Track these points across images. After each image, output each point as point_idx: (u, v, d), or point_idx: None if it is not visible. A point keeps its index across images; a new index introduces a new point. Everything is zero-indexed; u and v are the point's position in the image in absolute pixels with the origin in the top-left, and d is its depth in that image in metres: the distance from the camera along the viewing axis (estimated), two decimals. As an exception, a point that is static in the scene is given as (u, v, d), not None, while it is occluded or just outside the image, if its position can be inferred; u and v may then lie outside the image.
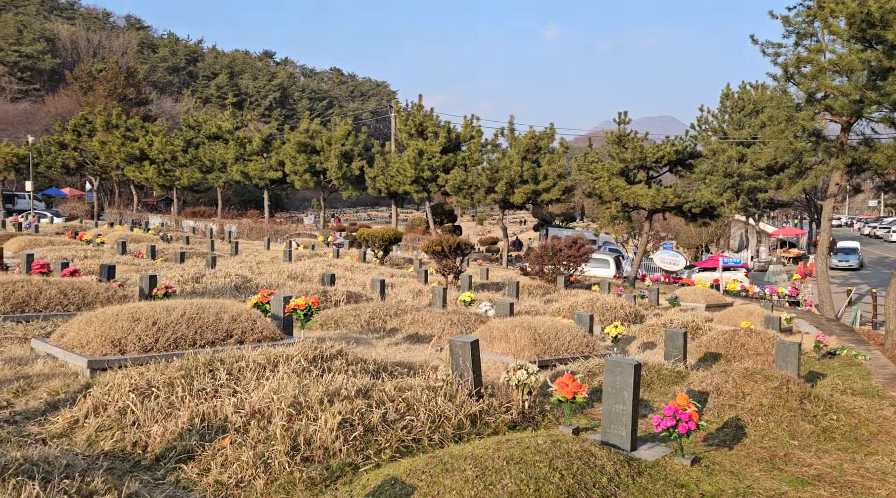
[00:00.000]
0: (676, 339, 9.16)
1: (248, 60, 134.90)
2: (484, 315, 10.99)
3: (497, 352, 8.52)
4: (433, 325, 9.60)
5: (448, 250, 16.83)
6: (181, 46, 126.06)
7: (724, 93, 44.10)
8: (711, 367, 10.29)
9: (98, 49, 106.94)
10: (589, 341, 9.36)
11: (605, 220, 30.14)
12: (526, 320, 8.96)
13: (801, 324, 18.52)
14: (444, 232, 40.40)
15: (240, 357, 5.93)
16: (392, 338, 9.37)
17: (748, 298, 25.70)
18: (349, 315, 10.18)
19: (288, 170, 36.12)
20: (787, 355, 8.43)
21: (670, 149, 27.52)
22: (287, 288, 12.14)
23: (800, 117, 22.51)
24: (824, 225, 23.15)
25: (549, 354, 8.58)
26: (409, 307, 11.16)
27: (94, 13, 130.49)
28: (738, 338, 11.00)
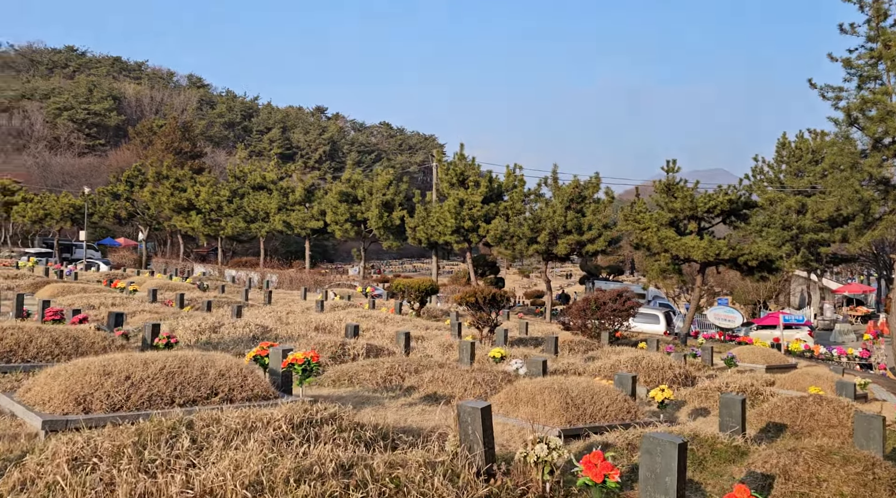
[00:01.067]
0: (733, 406, 7.93)
1: (300, 115, 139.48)
2: (514, 374, 9.94)
3: (522, 417, 7.46)
4: (454, 384, 8.62)
5: (483, 302, 15.87)
6: (238, 103, 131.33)
7: (781, 142, 42.46)
8: (775, 441, 8.93)
9: (160, 106, 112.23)
10: (630, 407, 8.21)
11: (653, 273, 28.69)
12: (558, 381, 7.90)
13: (877, 390, 16.68)
14: (486, 284, 39.41)
15: (213, 420, 5.10)
16: (407, 397, 8.42)
17: (813, 359, 23.70)
18: (365, 371, 9.30)
19: (329, 220, 36.05)
20: (870, 431, 7.10)
21: (723, 198, 26.17)
22: (306, 340, 11.37)
23: (866, 164, 20.99)
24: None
25: (582, 421, 7.47)
26: (433, 363, 10.21)
27: (160, 73, 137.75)
28: (807, 406, 9.61)
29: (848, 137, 22.86)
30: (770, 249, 25.93)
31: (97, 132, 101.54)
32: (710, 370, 15.19)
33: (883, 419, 7.08)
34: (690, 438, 7.12)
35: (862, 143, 22.41)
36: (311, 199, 38.88)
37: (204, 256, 57.76)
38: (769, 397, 10.89)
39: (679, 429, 7.42)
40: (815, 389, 11.22)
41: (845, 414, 9.49)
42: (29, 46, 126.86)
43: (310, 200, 38.84)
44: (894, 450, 9.03)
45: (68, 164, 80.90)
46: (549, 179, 31.85)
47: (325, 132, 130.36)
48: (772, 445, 8.58)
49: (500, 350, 10.88)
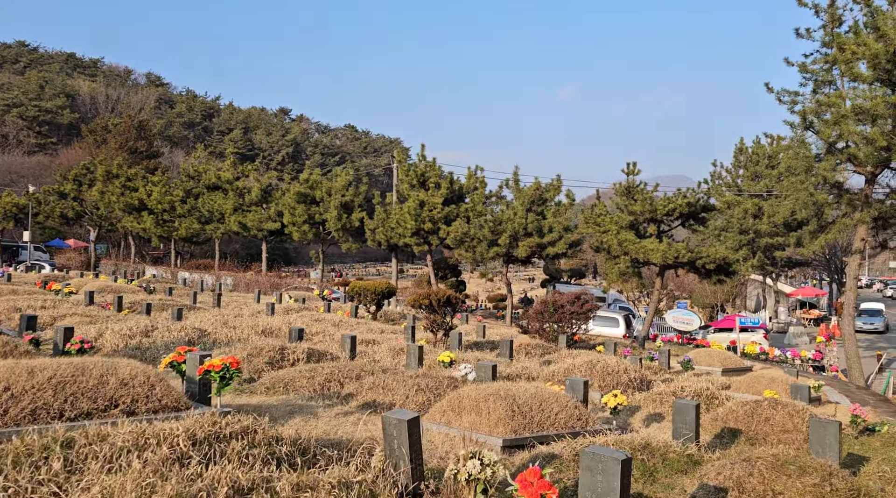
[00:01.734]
0: (687, 412, 7.55)
1: (263, 116, 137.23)
2: (462, 379, 9.44)
3: (464, 426, 6.95)
4: (396, 390, 8.06)
5: (437, 304, 15.35)
6: (198, 102, 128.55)
7: (738, 147, 43.06)
8: (730, 447, 8.60)
9: (116, 104, 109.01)
10: (581, 413, 7.77)
11: (613, 276, 28.57)
12: (504, 387, 7.41)
13: (830, 392, 16.67)
14: (447, 287, 38.93)
15: (100, 437, 4.46)
16: (344, 405, 7.84)
17: (768, 361, 23.79)
18: (303, 377, 8.69)
19: (286, 221, 35.13)
20: (826, 437, 6.79)
21: (682, 201, 26.17)
22: (242, 345, 10.68)
23: (820, 168, 21.16)
24: (850, 283, 21.46)
25: (529, 430, 7.00)
26: (377, 368, 9.64)
27: (116, 70, 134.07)
28: (762, 411, 9.32)
29: (803, 142, 23.05)
30: (727, 253, 26.00)
31: (49, 130, 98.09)
32: (667, 374, 14.93)
33: (838, 425, 6.77)
34: (641, 447, 6.70)
35: (816, 148, 22.62)
36: (268, 200, 37.89)
37: (160, 259, 56.00)
38: (724, 401, 10.61)
39: (630, 437, 7.00)
40: (770, 392, 10.99)
41: (800, 418, 9.24)
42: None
43: (267, 201, 37.84)
44: (850, 456, 8.79)
45: (16, 163, 77.83)
46: (510, 181, 31.56)
47: (288, 134, 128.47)
48: (726, 452, 8.24)
49: (450, 354, 10.37)
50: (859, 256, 21.32)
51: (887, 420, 12.62)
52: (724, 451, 8.13)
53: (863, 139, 19.33)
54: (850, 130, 17.05)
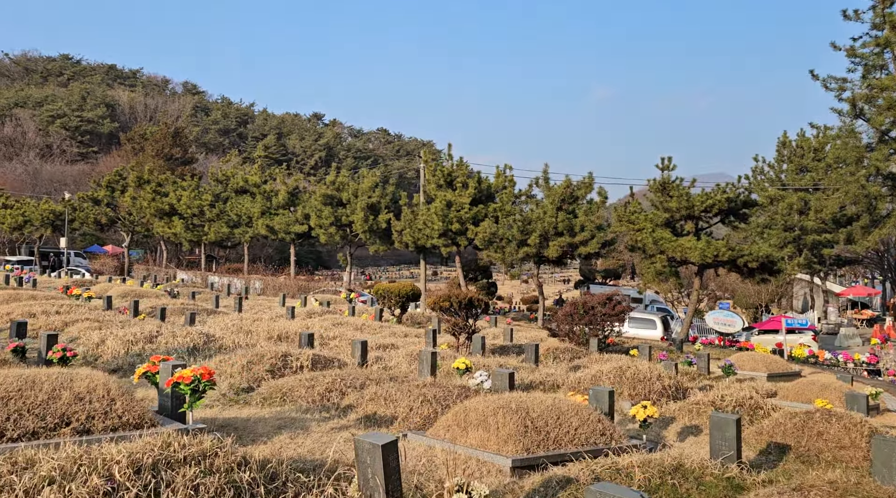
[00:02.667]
0: (726, 427, 6.64)
1: (296, 121, 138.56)
2: (477, 388, 8.66)
3: (471, 443, 6.17)
4: (399, 402, 7.33)
5: (458, 307, 14.58)
6: (233, 109, 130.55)
7: (781, 141, 41.19)
8: (778, 466, 7.62)
9: (154, 113, 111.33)
10: (605, 428, 6.91)
11: (649, 275, 27.41)
12: (517, 399, 6.62)
13: (889, 398, 15.34)
14: (477, 289, 38.12)
15: (24, 465, 3.82)
16: (341, 419, 7.13)
17: (818, 365, 22.36)
18: (302, 386, 8.02)
19: (313, 223, 34.78)
20: (892, 458, 5.80)
21: (721, 196, 24.87)
22: (243, 351, 10.09)
23: (872, 158, 19.77)
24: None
25: (543, 448, 6.18)
26: (386, 377, 8.92)
27: (154, 80, 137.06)
28: (814, 423, 8.31)
29: (853, 131, 21.63)
30: (771, 250, 24.63)
31: (90, 140, 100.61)
32: (706, 380, 13.88)
33: (909, 445, 5.80)
34: (672, 468, 5.83)
35: (868, 137, 21.19)
36: (295, 203, 37.65)
37: (194, 263, 56.54)
38: (770, 412, 9.59)
39: (660, 456, 6.13)
40: (822, 401, 9.92)
41: (858, 432, 8.20)
42: (24, 55, 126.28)
43: (294, 204, 37.61)
44: (917, 476, 7.74)
45: (58, 172, 79.81)
46: (540, 180, 30.62)
47: (320, 138, 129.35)
48: (774, 472, 7.28)
49: (465, 361, 9.59)
50: (916, 251, 19.81)
51: (955, 431, 11.39)
52: (772, 471, 7.17)
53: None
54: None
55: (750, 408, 9.67)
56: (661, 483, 5.55)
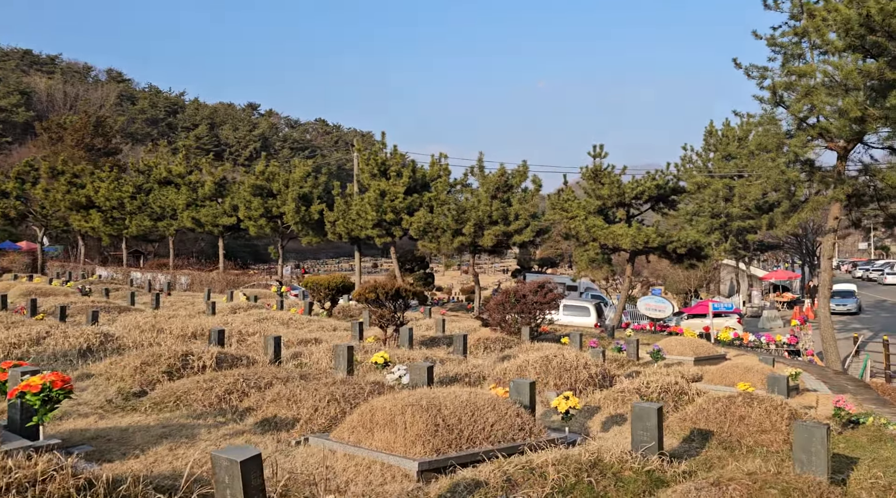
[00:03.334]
0: (647, 417, 6.36)
1: (230, 112, 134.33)
2: (396, 384, 8.16)
3: (376, 446, 5.68)
4: (304, 402, 6.76)
5: (385, 297, 14.05)
6: (161, 98, 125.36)
7: (708, 130, 42.18)
8: (700, 453, 7.45)
9: (75, 102, 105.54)
10: (524, 422, 6.54)
11: (582, 263, 27.58)
12: (429, 395, 6.16)
13: (808, 378, 15.74)
14: (414, 280, 37.67)
15: None
16: (238, 424, 6.52)
17: (743, 347, 22.91)
18: (199, 389, 7.33)
19: (242, 215, 33.45)
20: (812, 445, 5.63)
21: (650, 184, 25.19)
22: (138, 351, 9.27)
23: (791, 144, 20.23)
24: (825, 264, 20.61)
25: (455, 448, 5.74)
26: (296, 374, 8.31)
27: (75, 67, 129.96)
28: (735, 408, 8.20)
29: (773, 119, 22.12)
30: (699, 236, 25.12)
31: (3, 129, 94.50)
32: (635, 366, 13.83)
33: (826, 429, 5.63)
34: (590, 464, 5.49)
35: (787, 124, 21.71)
36: (223, 194, 36.16)
37: (119, 259, 53.83)
38: (695, 397, 9.48)
39: (577, 452, 5.79)
40: (745, 384, 9.89)
41: (778, 415, 8.14)
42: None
43: (222, 195, 36.11)
44: (835, 458, 7.71)
45: (-34, 163, 74.61)
46: (475, 169, 30.31)
47: (255, 129, 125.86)
48: (695, 460, 7.08)
49: (384, 354, 9.08)
50: (833, 235, 20.48)
51: (870, 409, 11.65)
52: (694, 460, 6.98)
53: (835, 112, 18.44)
54: (822, 101, 16.08)
55: (675, 394, 9.54)
56: (577, 481, 5.20)
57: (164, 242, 52.75)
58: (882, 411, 11.68)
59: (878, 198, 20.15)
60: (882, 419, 10.06)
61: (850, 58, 16.99)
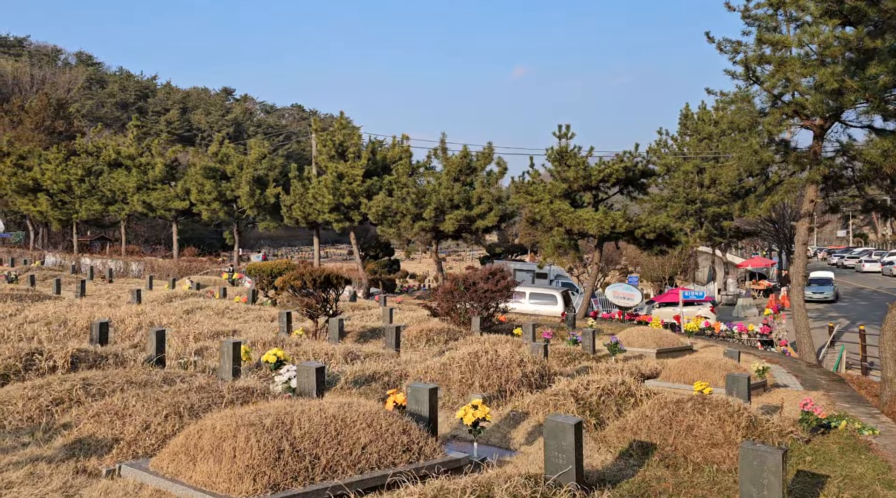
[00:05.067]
0: (562, 435, 5.06)
1: (203, 96, 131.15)
2: (285, 389, 6.79)
3: (195, 481, 4.30)
4: (136, 415, 5.36)
5: (313, 285, 12.64)
6: (132, 82, 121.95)
7: (683, 113, 41.10)
8: (638, 473, 6.18)
9: (42, 85, 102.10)
10: (413, 440, 5.21)
11: (548, 249, 26.30)
12: (281, 410, 4.80)
13: (779, 372, 14.61)
14: (378, 267, 36.26)
15: None
16: (41, 446, 5.10)
17: (714, 337, 21.83)
18: (23, 397, 5.92)
19: (194, 198, 31.69)
20: (762, 475, 4.36)
21: (618, 166, 23.94)
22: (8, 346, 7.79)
23: (765, 123, 19.05)
24: (798, 250, 19.51)
25: (304, 480, 4.39)
26: (157, 379, 6.88)
27: (44, 50, 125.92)
28: (684, 416, 6.95)
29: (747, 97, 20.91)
30: (668, 221, 23.94)
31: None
32: (588, 360, 12.58)
33: (781, 456, 4.36)
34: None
35: (761, 101, 20.51)
36: (175, 177, 34.35)
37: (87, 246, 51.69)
38: (643, 400, 8.22)
39: (464, 482, 4.47)
40: (701, 384, 8.65)
41: (733, 424, 6.89)
42: None
43: (174, 178, 34.30)
44: (799, 476, 6.48)
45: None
46: (438, 151, 28.88)
47: (228, 113, 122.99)
48: (626, 484, 5.80)
49: (278, 352, 7.69)
50: (808, 220, 19.37)
51: (843, 410, 10.48)
52: (626, 483, 5.69)
53: (811, 88, 17.27)
54: (797, 72, 14.85)
55: (619, 396, 8.27)
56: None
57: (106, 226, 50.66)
58: (857, 411, 10.52)
59: (855, 180, 19.06)
60: (856, 423, 8.90)
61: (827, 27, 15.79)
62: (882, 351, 14.30)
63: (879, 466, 7.12)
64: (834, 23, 13.77)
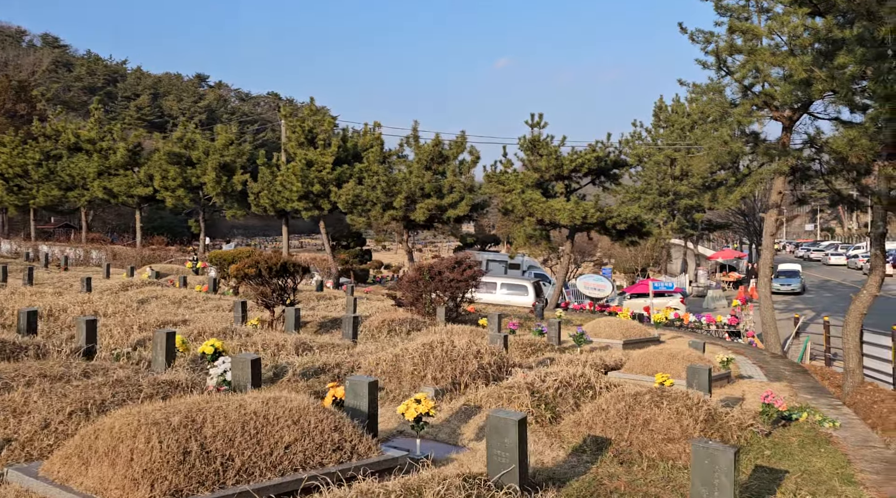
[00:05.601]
0: (505, 432, 4.70)
1: (175, 82, 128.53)
2: (219, 382, 6.33)
3: (86, 487, 3.86)
4: (33, 413, 4.87)
5: (269, 273, 12.15)
6: (101, 66, 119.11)
7: (658, 105, 41.08)
8: (589, 471, 5.85)
9: (4, 67, 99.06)
10: (345, 437, 4.80)
11: (520, 239, 26.08)
12: (194, 406, 4.36)
13: (744, 363, 14.48)
14: (350, 257, 35.70)
15: None
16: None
17: (683, 328, 21.75)
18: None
19: (157, 185, 30.79)
20: (713, 476, 4.04)
21: (590, 156, 23.69)
22: None
23: (735, 113, 18.88)
24: (766, 241, 19.44)
25: (213, 484, 3.97)
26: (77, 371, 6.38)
27: (7, 31, 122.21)
28: (641, 409, 6.64)
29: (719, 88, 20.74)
30: (639, 212, 23.82)
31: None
32: (552, 352, 12.28)
33: (734, 454, 4.04)
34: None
35: (732, 92, 20.36)
36: (138, 162, 33.35)
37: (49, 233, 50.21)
38: (603, 392, 7.91)
39: (402, 483, 4.09)
40: (663, 376, 8.40)
41: (692, 418, 6.61)
42: None
43: (137, 163, 33.30)
44: (757, 472, 6.22)
45: None
46: (410, 139, 28.38)
47: (201, 100, 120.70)
48: (576, 483, 5.47)
49: (216, 342, 7.21)
50: (776, 211, 19.31)
51: (805, 401, 10.32)
52: (575, 482, 5.35)
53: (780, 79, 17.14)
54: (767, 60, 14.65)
55: (578, 389, 7.94)
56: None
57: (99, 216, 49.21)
58: (818, 403, 10.37)
59: (822, 173, 19.01)
60: (817, 415, 8.69)
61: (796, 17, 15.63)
62: (845, 342, 14.27)
63: (839, 459, 6.91)
64: (804, 11, 13.56)
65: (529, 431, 6.72)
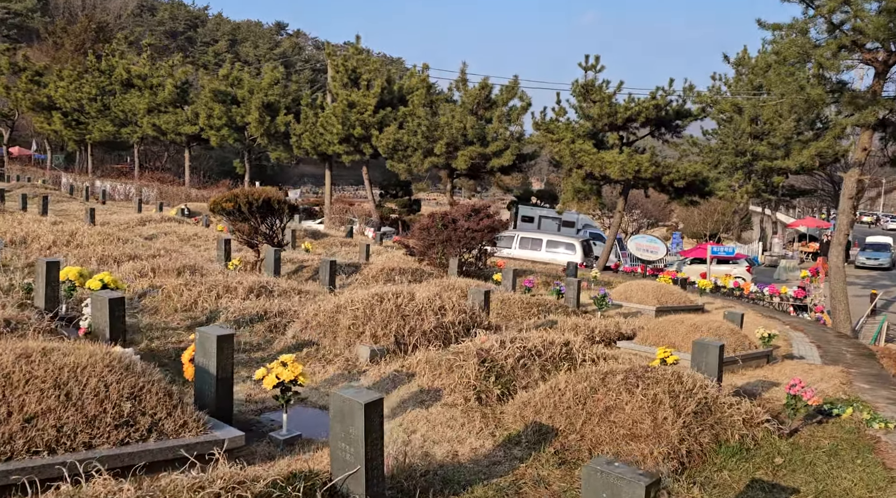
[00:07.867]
0: (350, 419, 3.33)
1: (253, 29, 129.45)
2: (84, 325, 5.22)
3: None
4: None
5: (249, 210, 11.05)
6: (183, 10, 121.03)
7: (740, 57, 37.20)
8: (508, 474, 4.42)
9: (92, 10, 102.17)
10: (146, 408, 3.60)
11: (568, 194, 24.07)
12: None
13: (799, 341, 12.46)
14: (398, 207, 34.66)
15: None
16: None
17: (740, 298, 19.57)
18: None
19: (202, 123, 30.39)
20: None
21: (649, 104, 21.29)
22: None
23: (817, 54, 16.17)
24: (843, 204, 16.86)
25: None
26: None
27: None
28: (606, 393, 5.11)
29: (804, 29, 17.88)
30: (702, 168, 21.35)
31: (18, 34, 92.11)
32: (556, 315, 10.69)
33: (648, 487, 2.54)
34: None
35: (816, 31, 17.49)
36: (186, 100, 33.07)
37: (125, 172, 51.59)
38: (583, 366, 6.37)
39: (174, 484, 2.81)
40: (665, 351, 6.76)
41: (674, 409, 5.01)
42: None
43: (185, 101, 33.03)
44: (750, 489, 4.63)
45: (-27, 67, 72.56)
46: (458, 83, 26.62)
47: (277, 47, 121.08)
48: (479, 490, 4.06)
49: (105, 276, 6.04)
50: (859, 170, 16.62)
51: (858, 392, 8.38)
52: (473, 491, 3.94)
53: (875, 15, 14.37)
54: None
55: (551, 359, 6.43)
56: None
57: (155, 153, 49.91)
58: (875, 395, 8.39)
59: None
60: (865, 412, 6.83)
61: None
62: (927, 326, 12.02)
63: (878, 477, 5.16)
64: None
65: (462, 409, 5.32)
